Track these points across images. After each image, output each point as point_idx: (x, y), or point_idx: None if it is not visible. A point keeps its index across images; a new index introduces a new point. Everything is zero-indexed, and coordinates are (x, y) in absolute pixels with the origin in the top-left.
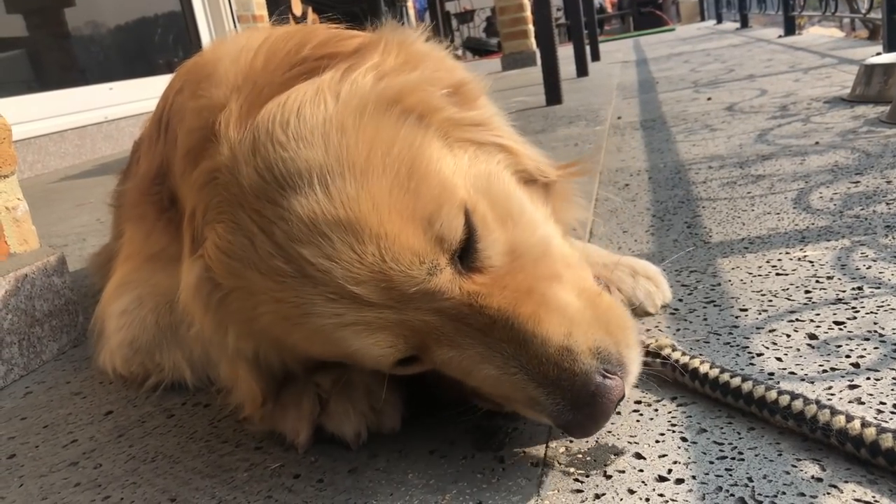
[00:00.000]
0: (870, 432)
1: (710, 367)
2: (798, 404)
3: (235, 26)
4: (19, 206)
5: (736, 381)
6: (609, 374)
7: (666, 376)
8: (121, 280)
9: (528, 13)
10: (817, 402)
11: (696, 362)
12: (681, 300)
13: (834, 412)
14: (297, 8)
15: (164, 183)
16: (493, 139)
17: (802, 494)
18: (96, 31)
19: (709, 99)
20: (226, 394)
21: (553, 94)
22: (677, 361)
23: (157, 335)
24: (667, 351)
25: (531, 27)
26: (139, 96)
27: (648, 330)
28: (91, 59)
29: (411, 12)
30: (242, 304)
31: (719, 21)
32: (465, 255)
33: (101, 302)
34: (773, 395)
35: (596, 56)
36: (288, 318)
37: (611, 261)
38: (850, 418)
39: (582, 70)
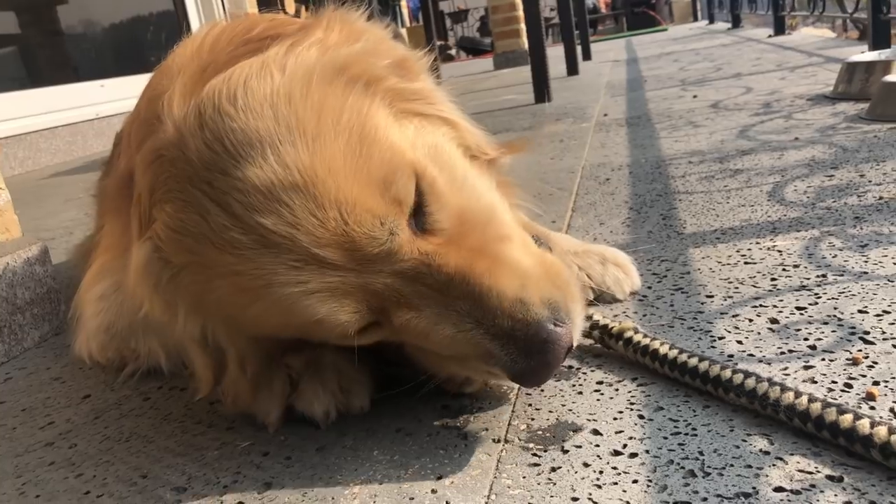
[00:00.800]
0: (816, 407)
1: (669, 349)
2: (750, 382)
3: None
4: (1, 195)
5: (693, 361)
6: (559, 323)
7: (628, 358)
8: (99, 268)
9: (521, 12)
10: (769, 379)
11: (655, 344)
12: (650, 287)
13: (784, 389)
14: (291, 6)
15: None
16: (437, 112)
17: (749, 466)
18: (89, 28)
19: (695, 97)
20: (181, 392)
21: (542, 92)
22: (638, 343)
23: (133, 321)
24: (629, 333)
25: (523, 26)
26: (131, 93)
27: (616, 315)
28: (83, 56)
29: (405, 11)
30: (194, 280)
31: (711, 21)
32: (418, 218)
33: (80, 289)
34: (727, 373)
35: (587, 55)
36: (246, 290)
37: (581, 248)
38: (798, 394)
39: (572, 69)
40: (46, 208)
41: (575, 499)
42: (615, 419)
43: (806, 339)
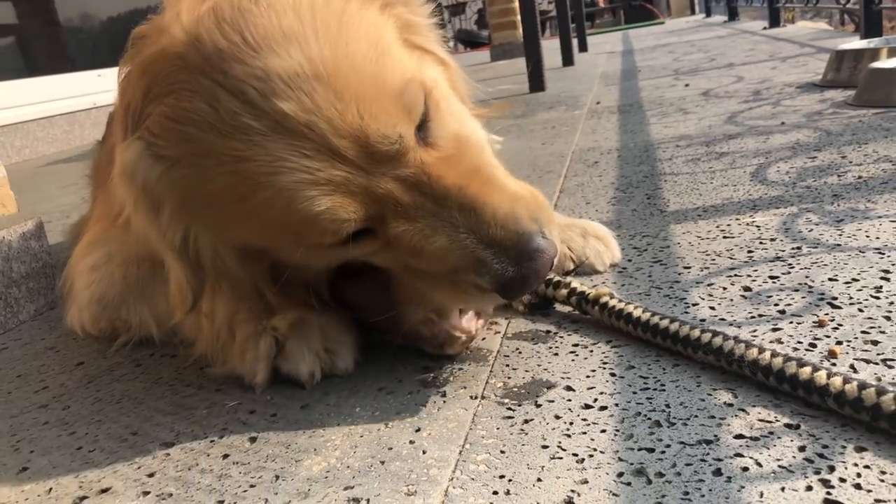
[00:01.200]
0: (777, 361)
1: (643, 312)
2: (717, 340)
3: None
4: None
5: (664, 322)
6: (545, 236)
7: (604, 322)
8: (91, 238)
9: (517, 4)
10: (734, 338)
11: (630, 308)
12: (630, 260)
13: (748, 346)
14: None
15: None
16: (434, 50)
17: (713, 417)
18: (86, 18)
19: (686, 85)
20: (189, 345)
21: (536, 81)
22: (613, 307)
23: (124, 290)
24: (605, 299)
25: (520, 18)
26: None
27: (595, 285)
28: (80, 46)
29: None
30: (189, 173)
31: (708, 14)
32: (422, 131)
33: (71, 260)
34: (695, 333)
35: (584, 47)
36: (249, 179)
37: (563, 222)
38: (761, 350)
39: (568, 60)
40: (42, 194)
41: (545, 447)
42: (588, 377)
43: (776, 305)
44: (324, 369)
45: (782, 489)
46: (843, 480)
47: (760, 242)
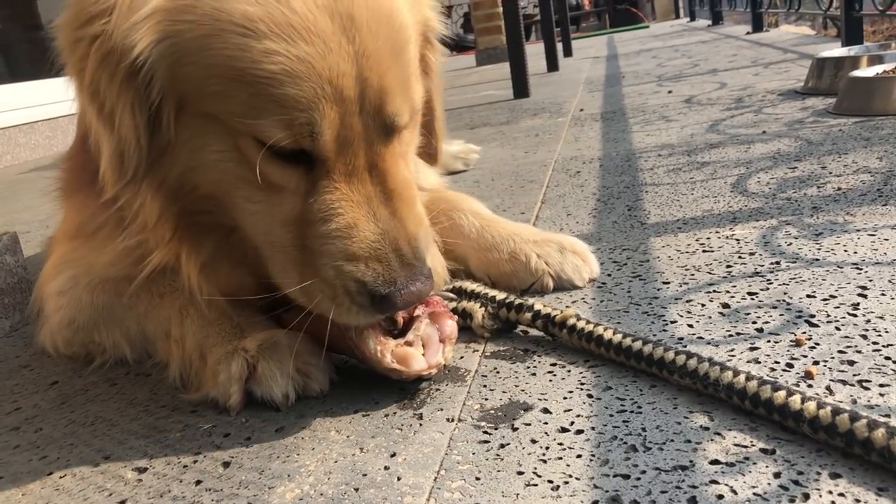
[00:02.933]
0: (752, 385)
1: (614, 333)
2: (692, 363)
3: None
4: None
5: (637, 344)
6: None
7: (572, 344)
8: (58, 259)
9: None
10: (709, 360)
11: (599, 329)
12: (609, 275)
13: (723, 368)
14: None
15: (86, 149)
16: (433, 71)
17: (689, 441)
18: None
19: (669, 92)
20: (162, 367)
21: (520, 87)
22: (582, 330)
23: (93, 314)
24: (572, 321)
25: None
26: None
27: (574, 302)
28: None
29: None
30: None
31: (693, 18)
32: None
33: (39, 281)
34: (670, 355)
35: (568, 52)
36: (263, 25)
37: (540, 237)
38: (735, 373)
39: (552, 65)
40: (23, 202)
41: (520, 473)
42: (565, 398)
43: (754, 323)
44: (298, 391)
45: None
46: None
47: (739, 257)
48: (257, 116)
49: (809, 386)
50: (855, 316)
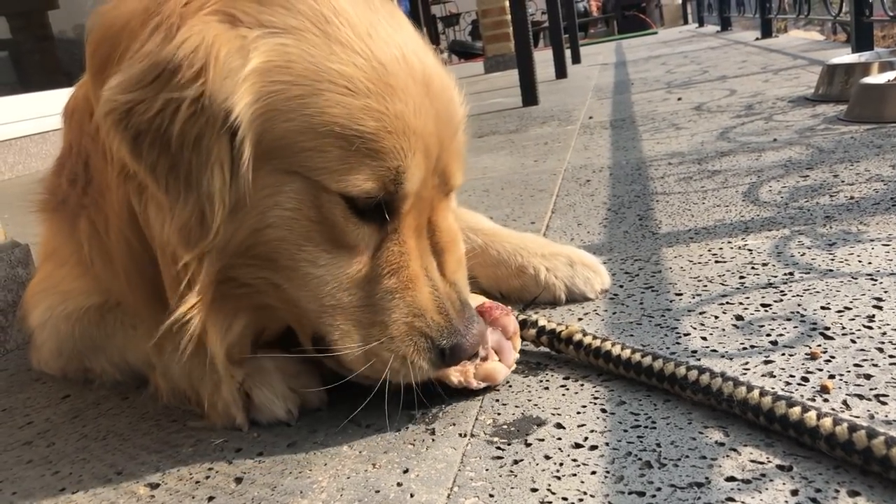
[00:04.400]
0: (767, 401)
1: (622, 349)
2: (705, 378)
3: None
4: None
5: (647, 359)
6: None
7: (580, 360)
8: (37, 286)
9: (510, 16)
10: (722, 374)
11: (607, 345)
12: (621, 286)
13: (737, 384)
14: None
15: (61, 175)
16: None
17: (704, 457)
18: (79, 33)
19: (679, 99)
20: (155, 399)
21: (529, 95)
22: (589, 346)
23: (76, 345)
24: (578, 336)
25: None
26: None
27: (586, 314)
28: (74, 60)
29: None
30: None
31: (701, 24)
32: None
33: (23, 305)
34: (682, 370)
35: (577, 58)
36: (364, 74)
37: (548, 251)
38: (750, 388)
39: (561, 72)
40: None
41: (534, 490)
42: (578, 413)
43: (768, 335)
44: (297, 406)
45: None
46: None
47: (752, 267)
48: (349, 171)
49: (825, 401)
50: (870, 328)
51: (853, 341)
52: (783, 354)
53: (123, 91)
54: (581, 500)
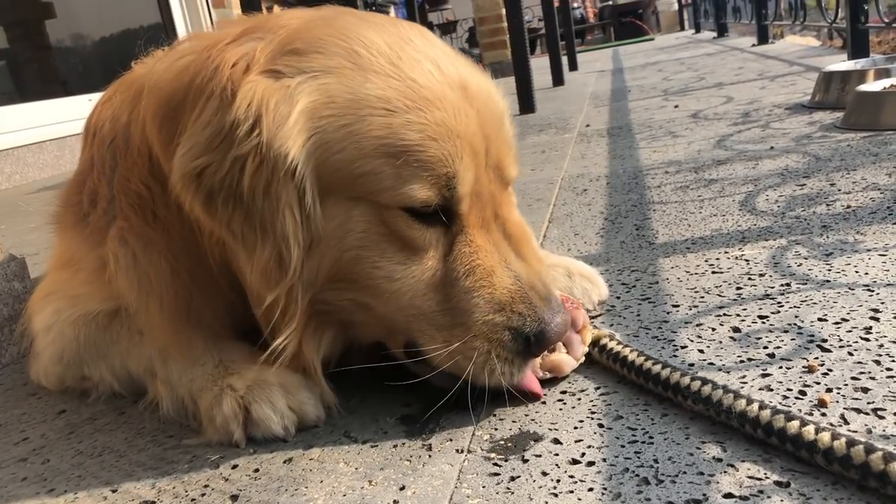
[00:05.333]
0: (765, 414)
1: (638, 356)
2: (706, 389)
3: None
4: None
5: (656, 368)
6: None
7: (601, 363)
8: (44, 290)
9: (507, 24)
10: (724, 387)
11: (626, 351)
12: (618, 297)
13: (737, 396)
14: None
15: (82, 189)
16: None
17: (701, 473)
18: (77, 42)
19: (676, 107)
20: (153, 409)
21: (526, 102)
22: (611, 350)
23: (79, 350)
24: (604, 340)
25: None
26: None
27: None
28: (71, 70)
29: None
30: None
31: (698, 30)
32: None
33: (27, 311)
34: (686, 380)
35: (573, 65)
36: (410, 92)
37: (547, 262)
38: (749, 401)
39: (558, 79)
40: (32, 222)
41: None
42: (576, 428)
43: (765, 348)
44: (295, 424)
45: None
46: None
47: (749, 278)
48: (404, 184)
49: (823, 415)
50: (868, 340)
51: (850, 354)
52: (780, 367)
53: (193, 158)
54: None
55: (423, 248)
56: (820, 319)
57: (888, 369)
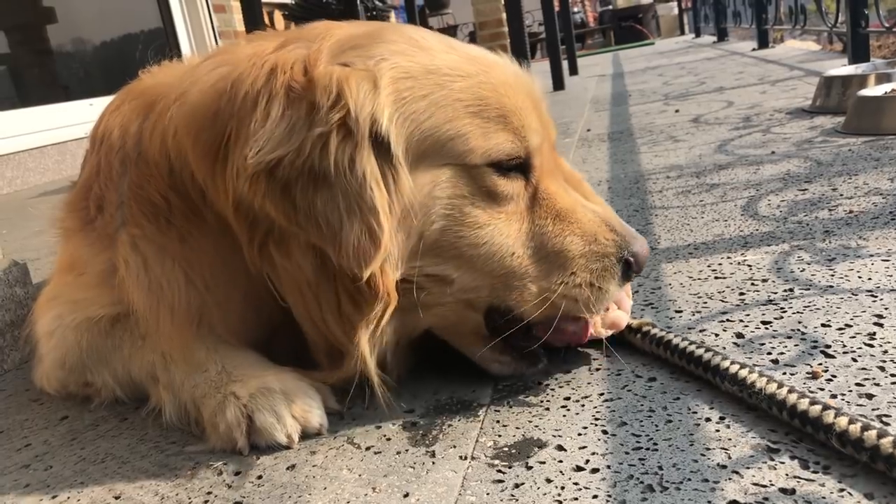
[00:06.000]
0: (792, 397)
1: (681, 340)
2: (743, 372)
3: (217, 42)
4: None
5: (700, 351)
6: None
7: (644, 348)
8: (48, 295)
9: (507, 28)
10: (759, 371)
11: (669, 336)
12: None
13: (770, 381)
14: (280, 24)
15: (88, 195)
16: None
17: (706, 480)
18: (78, 47)
19: (677, 111)
20: (156, 415)
21: None
22: (655, 335)
23: (81, 356)
24: (646, 328)
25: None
26: None
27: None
28: (72, 75)
29: None
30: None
31: (698, 35)
32: None
33: (32, 315)
34: (725, 364)
35: (574, 70)
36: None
37: None
38: (780, 385)
39: (558, 84)
40: (33, 227)
41: None
42: (580, 434)
43: (769, 354)
44: (298, 431)
45: None
46: None
47: (752, 284)
48: (489, 140)
49: None
50: (871, 346)
51: (854, 360)
52: (784, 374)
53: (267, 153)
54: None
55: (508, 202)
56: (823, 325)
57: (892, 375)
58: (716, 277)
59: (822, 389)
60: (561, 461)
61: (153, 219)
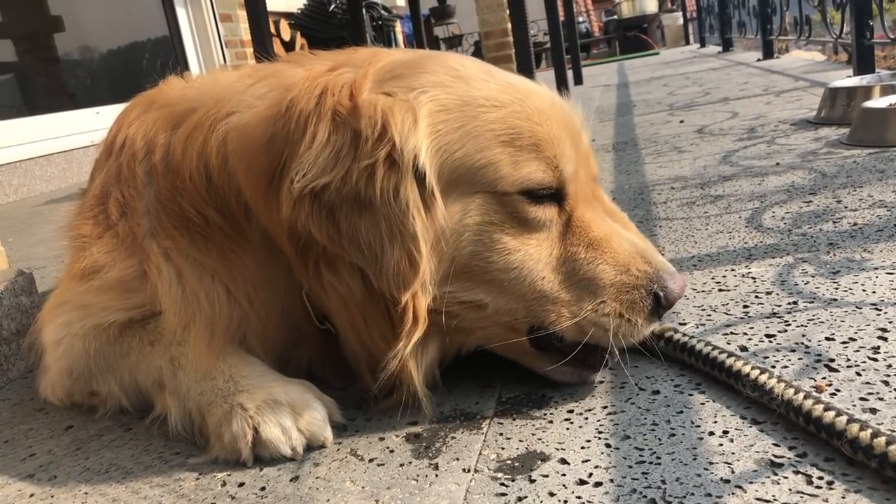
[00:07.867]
0: (807, 403)
1: (705, 346)
2: (763, 378)
3: (223, 51)
4: None
5: (722, 356)
6: None
7: (668, 353)
8: (55, 301)
9: (512, 38)
10: (778, 377)
11: (693, 341)
12: None
13: (788, 386)
14: (286, 33)
15: (107, 201)
16: None
17: (709, 495)
18: (85, 55)
19: (681, 122)
20: (160, 425)
21: None
22: (678, 341)
23: (88, 363)
24: (669, 333)
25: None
26: None
27: None
28: (79, 83)
29: (400, 37)
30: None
31: (703, 45)
32: None
33: (38, 322)
34: (746, 368)
35: (579, 79)
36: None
37: None
38: (796, 391)
39: (563, 94)
40: (39, 236)
41: None
42: (583, 448)
43: (773, 367)
44: (303, 445)
45: None
46: None
47: (756, 296)
48: (521, 169)
49: None
50: (875, 360)
51: (858, 374)
52: None
53: (313, 179)
54: None
55: (539, 229)
56: (827, 339)
57: None
58: (720, 290)
59: None
60: (564, 474)
61: (186, 233)
